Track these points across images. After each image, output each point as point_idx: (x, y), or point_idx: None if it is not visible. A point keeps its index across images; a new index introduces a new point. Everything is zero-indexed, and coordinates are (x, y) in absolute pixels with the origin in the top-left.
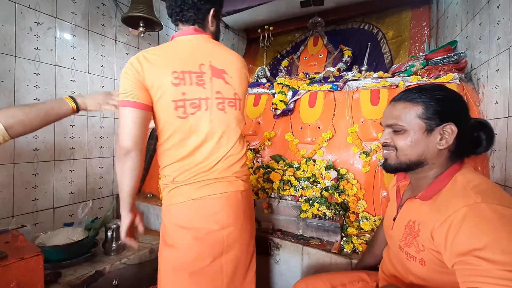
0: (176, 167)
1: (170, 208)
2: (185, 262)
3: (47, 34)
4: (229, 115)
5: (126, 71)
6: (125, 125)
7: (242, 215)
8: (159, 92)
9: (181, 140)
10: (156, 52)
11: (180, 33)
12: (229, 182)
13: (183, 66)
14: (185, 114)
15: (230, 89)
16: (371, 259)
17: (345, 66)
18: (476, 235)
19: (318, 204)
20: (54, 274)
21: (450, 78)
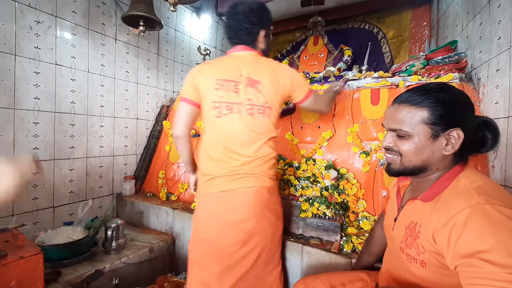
0: (213, 160)
1: (204, 197)
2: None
3: (47, 33)
4: (257, 120)
5: (188, 76)
6: (177, 115)
7: (267, 209)
8: (204, 93)
9: (216, 136)
10: (210, 63)
11: (232, 50)
12: (257, 178)
13: (225, 75)
14: (219, 114)
15: (261, 98)
16: (369, 258)
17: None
18: (480, 237)
19: (318, 203)
20: (54, 273)
21: (450, 78)
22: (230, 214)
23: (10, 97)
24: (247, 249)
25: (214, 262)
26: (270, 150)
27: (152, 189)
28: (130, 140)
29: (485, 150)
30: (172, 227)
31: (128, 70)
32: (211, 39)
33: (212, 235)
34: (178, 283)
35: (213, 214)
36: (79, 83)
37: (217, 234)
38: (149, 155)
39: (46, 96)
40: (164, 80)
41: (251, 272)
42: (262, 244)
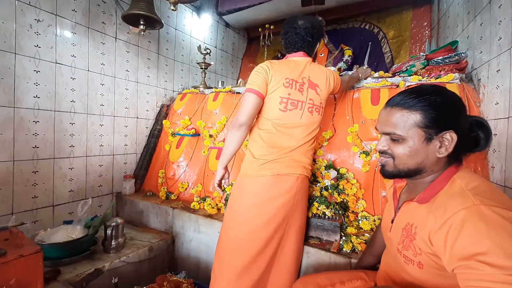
0: (268, 145)
1: (256, 179)
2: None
3: (47, 31)
4: (314, 118)
5: (258, 70)
6: (245, 106)
7: (305, 195)
8: (273, 88)
9: (277, 127)
10: (277, 63)
11: (294, 55)
12: (304, 167)
13: (293, 76)
14: (285, 109)
15: (318, 99)
16: (370, 259)
17: (346, 65)
18: (477, 239)
19: (318, 203)
20: (53, 272)
21: (450, 78)
22: (282, 195)
23: (10, 95)
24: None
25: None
26: (315, 143)
27: (152, 188)
28: (130, 139)
29: (478, 149)
30: (171, 226)
31: (128, 69)
32: (211, 39)
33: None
34: (177, 282)
35: (268, 193)
36: (79, 82)
37: (269, 211)
38: (149, 154)
39: (46, 94)
40: (164, 79)
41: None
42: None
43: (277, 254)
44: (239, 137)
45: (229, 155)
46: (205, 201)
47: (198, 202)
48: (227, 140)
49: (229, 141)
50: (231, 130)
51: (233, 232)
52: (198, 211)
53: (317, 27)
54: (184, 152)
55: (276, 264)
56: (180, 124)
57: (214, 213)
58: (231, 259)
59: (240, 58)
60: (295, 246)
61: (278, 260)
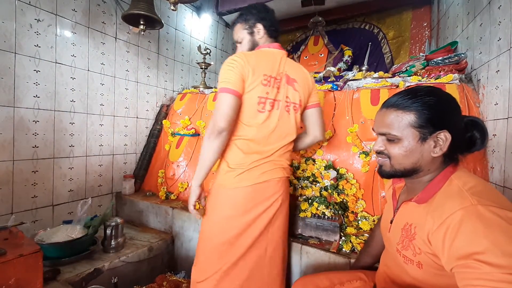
0: (244, 153)
1: (236, 191)
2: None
3: (47, 31)
4: (291, 116)
5: (231, 64)
6: (223, 108)
7: (287, 196)
8: (251, 86)
9: (254, 131)
10: (253, 56)
11: (269, 45)
12: (283, 169)
13: (270, 72)
14: (263, 110)
15: (297, 96)
16: (368, 259)
17: (346, 66)
18: (475, 239)
19: (317, 203)
20: (53, 271)
21: (450, 79)
22: (262, 204)
23: (10, 95)
24: (271, 236)
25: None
26: (293, 143)
27: (152, 188)
28: (130, 139)
29: (475, 149)
30: (171, 226)
31: (128, 69)
32: (211, 39)
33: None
34: (177, 282)
35: (247, 205)
36: (79, 81)
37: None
38: (149, 154)
39: (46, 94)
40: (164, 79)
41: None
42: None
43: (266, 260)
44: (218, 146)
45: (206, 169)
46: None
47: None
48: (204, 151)
49: (207, 152)
50: (209, 138)
51: (211, 242)
52: (198, 211)
53: None
54: (184, 152)
55: (267, 269)
56: (180, 124)
57: None
58: (211, 267)
59: None
60: (281, 248)
61: (268, 264)
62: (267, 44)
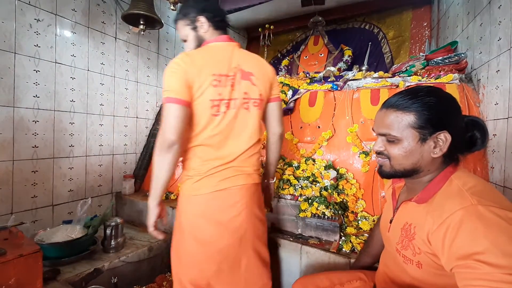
0: (202, 160)
1: (193, 198)
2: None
3: (47, 31)
4: (252, 114)
5: (173, 70)
6: (170, 120)
7: (256, 204)
8: (200, 91)
9: (210, 136)
10: (198, 55)
11: (217, 39)
12: (248, 175)
13: (220, 70)
14: (218, 113)
15: (256, 90)
16: (367, 259)
17: (346, 65)
18: (475, 239)
19: (317, 203)
20: (53, 271)
21: (450, 79)
22: (225, 213)
23: (9, 95)
24: (242, 249)
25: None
26: (259, 146)
27: None
28: (130, 139)
29: (476, 149)
30: (171, 226)
31: (128, 69)
32: None
33: (207, 236)
34: None
35: (206, 215)
36: (78, 81)
37: (212, 235)
38: (149, 154)
39: (46, 94)
40: None
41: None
42: (255, 242)
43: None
44: (171, 160)
45: (161, 186)
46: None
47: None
48: (156, 168)
49: (159, 168)
50: (159, 154)
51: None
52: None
53: None
54: None
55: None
56: None
57: None
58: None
59: None
60: (257, 258)
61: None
62: (214, 38)
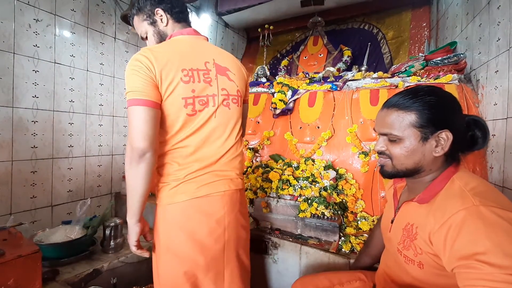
0: (180, 164)
1: (169, 208)
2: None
3: (46, 31)
4: (233, 112)
5: (134, 68)
6: (137, 125)
7: (240, 212)
8: (170, 89)
9: (187, 137)
10: (162, 49)
11: (179, 32)
12: (230, 180)
13: (191, 64)
14: (193, 112)
15: (233, 86)
16: (367, 259)
17: (345, 66)
18: (477, 239)
19: (317, 203)
20: (52, 272)
21: (449, 79)
22: (204, 224)
23: (8, 95)
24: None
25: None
26: (241, 143)
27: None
28: None
29: (477, 148)
30: None
31: None
32: (210, 39)
33: (185, 251)
34: None
35: (184, 226)
36: (78, 81)
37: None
38: None
39: (45, 94)
40: None
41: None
42: (239, 252)
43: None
44: (144, 171)
45: (138, 202)
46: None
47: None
48: (129, 182)
49: (133, 182)
50: (130, 166)
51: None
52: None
53: None
54: None
55: None
56: None
57: None
58: None
59: (240, 58)
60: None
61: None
62: (178, 31)
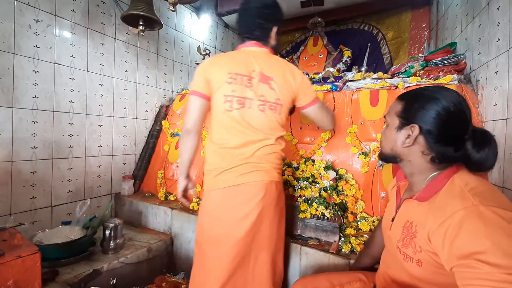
0: (219, 155)
1: (211, 193)
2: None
3: (46, 31)
4: (268, 116)
5: (198, 68)
6: (189, 110)
7: (274, 202)
8: (216, 86)
9: (226, 131)
10: (221, 57)
11: (244, 45)
12: (266, 172)
13: (238, 69)
14: (231, 108)
15: (273, 94)
16: (368, 260)
17: (345, 66)
18: (476, 239)
19: (317, 204)
20: (52, 273)
21: (449, 80)
22: (240, 208)
23: (8, 95)
24: (255, 245)
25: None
26: (279, 147)
27: (151, 189)
28: (129, 139)
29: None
30: (170, 227)
31: (127, 70)
32: (210, 39)
33: (222, 231)
34: (176, 283)
35: (223, 209)
36: (78, 82)
37: (227, 229)
38: (148, 155)
39: (45, 95)
40: (164, 80)
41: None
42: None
43: (250, 268)
44: (189, 145)
45: (184, 164)
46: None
47: (197, 203)
48: (179, 148)
49: (181, 149)
50: (181, 138)
51: (202, 250)
52: (197, 212)
53: (270, 6)
54: None
55: (253, 278)
56: (179, 124)
57: None
58: (202, 278)
59: None
60: (269, 256)
61: (254, 273)
62: (242, 44)
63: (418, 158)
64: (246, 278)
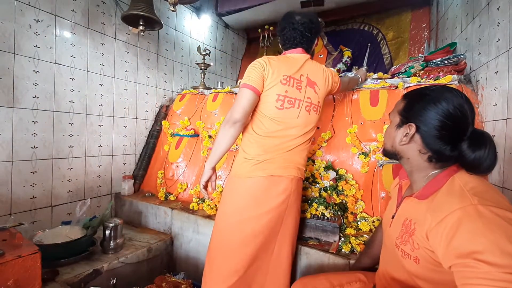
0: (261, 145)
1: (248, 180)
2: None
3: (46, 31)
4: (312, 117)
5: (255, 64)
6: (240, 101)
7: (299, 197)
8: (270, 85)
9: (272, 125)
10: (274, 59)
11: (292, 51)
12: (298, 169)
13: (290, 73)
14: (281, 107)
15: (316, 98)
16: (368, 260)
17: (345, 66)
18: (474, 238)
19: (317, 204)
20: (52, 272)
21: (449, 80)
22: (274, 198)
23: (9, 95)
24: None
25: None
26: (310, 145)
27: (151, 189)
28: (129, 139)
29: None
30: (170, 227)
31: (127, 70)
32: (210, 39)
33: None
34: (176, 283)
35: (259, 195)
36: (78, 82)
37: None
38: (148, 155)
39: (45, 95)
40: (164, 80)
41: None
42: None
43: (272, 258)
44: (233, 134)
45: (219, 154)
46: (204, 202)
47: (197, 203)
48: (219, 137)
49: (221, 138)
50: (224, 127)
51: (225, 236)
52: (197, 211)
53: (315, 22)
54: (183, 152)
55: (272, 268)
56: (179, 124)
57: (213, 214)
58: (223, 264)
59: (240, 59)
60: (289, 248)
61: (273, 263)
62: (289, 50)
63: (415, 156)
64: (267, 268)
